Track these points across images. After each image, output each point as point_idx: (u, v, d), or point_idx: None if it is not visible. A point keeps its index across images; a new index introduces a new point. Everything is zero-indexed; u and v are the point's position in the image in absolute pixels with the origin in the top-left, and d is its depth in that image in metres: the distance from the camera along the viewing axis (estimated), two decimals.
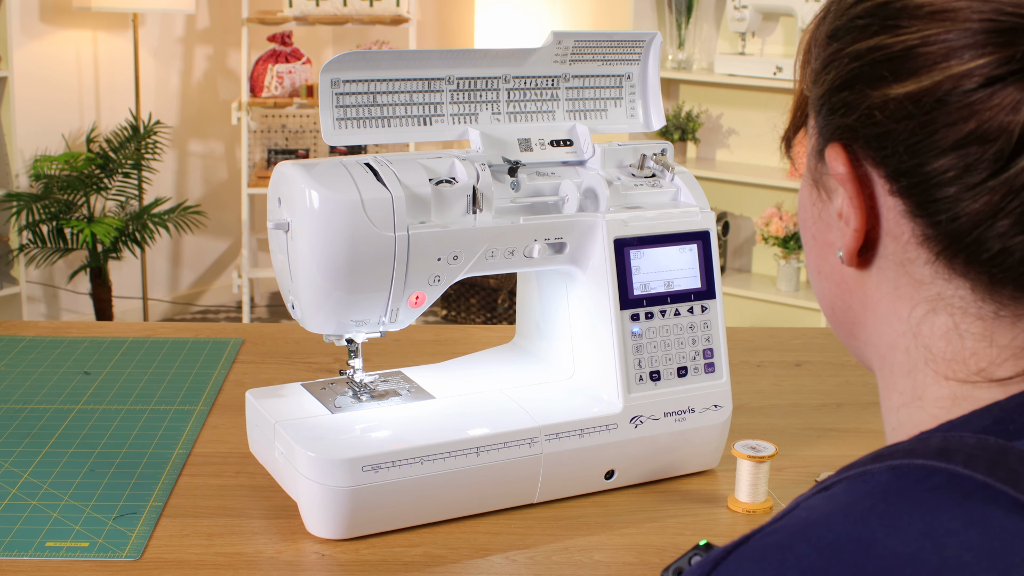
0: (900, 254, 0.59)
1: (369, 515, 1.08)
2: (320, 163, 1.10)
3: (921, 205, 0.56)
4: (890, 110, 0.55)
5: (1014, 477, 0.52)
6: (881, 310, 0.62)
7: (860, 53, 0.57)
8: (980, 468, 0.52)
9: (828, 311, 0.67)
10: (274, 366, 1.54)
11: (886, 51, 0.56)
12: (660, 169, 1.24)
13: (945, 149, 0.54)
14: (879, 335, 0.63)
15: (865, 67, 0.57)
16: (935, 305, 0.58)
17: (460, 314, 4.58)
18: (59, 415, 1.36)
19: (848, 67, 0.58)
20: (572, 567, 1.06)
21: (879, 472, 0.54)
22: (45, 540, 1.07)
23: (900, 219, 0.58)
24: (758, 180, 4.02)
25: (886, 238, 0.59)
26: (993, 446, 0.53)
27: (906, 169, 0.56)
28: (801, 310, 3.95)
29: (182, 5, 4.22)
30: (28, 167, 4.07)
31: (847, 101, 0.58)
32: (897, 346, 0.61)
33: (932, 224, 0.56)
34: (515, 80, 1.21)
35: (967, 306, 0.57)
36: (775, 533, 0.53)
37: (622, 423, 1.18)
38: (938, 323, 0.58)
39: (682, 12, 4.15)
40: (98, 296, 4.20)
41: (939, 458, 0.53)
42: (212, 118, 4.80)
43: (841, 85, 0.58)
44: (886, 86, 0.56)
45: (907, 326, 0.60)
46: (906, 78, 0.55)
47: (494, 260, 1.16)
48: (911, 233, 0.57)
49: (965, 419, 0.57)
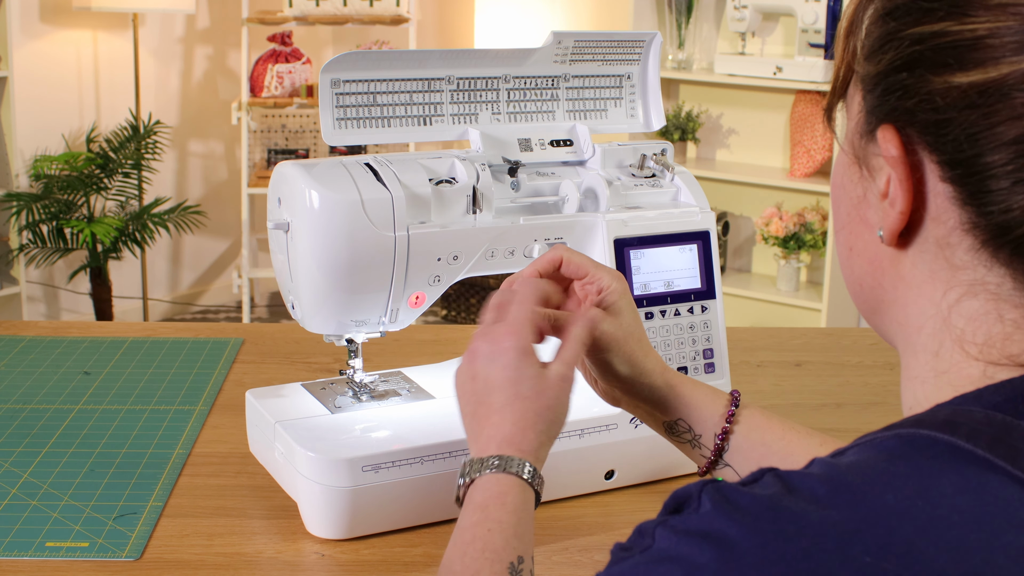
0: (943, 238, 0.59)
1: (369, 515, 1.08)
2: (320, 163, 1.10)
3: (973, 195, 0.56)
4: (952, 98, 0.55)
5: (1014, 454, 0.53)
6: (913, 291, 0.62)
7: (923, 36, 0.57)
8: (982, 443, 0.53)
9: (855, 287, 0.68)
10: (274, 366, 1.54)
11: (952, 38, 0.55)
12: (660, 169, 1.24)
13: (1006, 142, 0.54)
14: (907, 314, 0.63)
15: (928, 51, 0.57)
16: (972, 289, 0.59)
17: (460, 314, 4.58)
18: (59, 415, 1.36)
19: (909, 49, 0.58)
20: (572, 567, 1.06)
21: (887, 439, 0.56)
22: (45, 540, 1.07)
23: (948, 205, 0.58)
24: (758, 180, 4.02)
25: (930, 222, 0.59)
26: (999, 422, 0.54)
27: (963, 158, 0.56)
28: (801, 310, 3.95)
29: (182, 5, 4.22)
30: (28, 167, 4.07)
31: (905, 84, 0.58)
32: (925, 327, 0.62)
33: (982, 214, 0.56)
34: (515, 80, 1.21)
35: (1005, 294, 0.58)
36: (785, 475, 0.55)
37: (622, 423, 1.18)
38: (973, 307, 0.59)
39: (682, 12, 4.15)
40: (98, 296, 4.20)
41: (943, 430, 0.54)
42: (212, 118, 4.80)
43: (900, 67, 0.58)
44: (949, 73, 0.55)
45: (939, 308, 0.61)
46: (972, 67, 0.55)
47: (494, 260, 1.17)
48: (957, 220, 0.58)
49: (978, 393, 0.57)
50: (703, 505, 0.55)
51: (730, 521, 0.53)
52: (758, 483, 0.56)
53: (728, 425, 0.92)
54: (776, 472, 0.55)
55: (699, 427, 0.93)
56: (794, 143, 3.97)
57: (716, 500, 0.54)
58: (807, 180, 3.93)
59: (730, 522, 0.53)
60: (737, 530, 0.52)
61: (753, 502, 0.53)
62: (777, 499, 0.53)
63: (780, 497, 0.53)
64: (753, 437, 0.91)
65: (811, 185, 3.88)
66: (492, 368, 0.84)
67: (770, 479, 0.55)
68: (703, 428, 0.93)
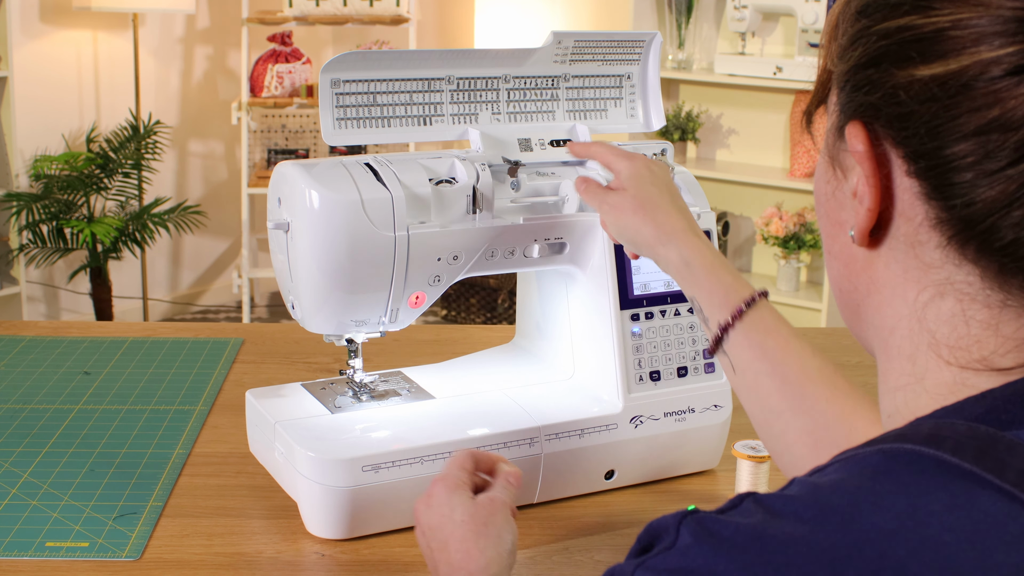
0: (912, 236, 0.59)
1: (369, 515, 1.08)
2: (320, 163, 1.10)
3: (937, 188, 0.56)
4: (915, 91, 0.55)
5: (1000, 466, 0.52)
6: (887, 292, 0.62)
7: (889, 32, 0.57)
8: (967, 456, 0.52)
9: (836, 292, 0.67)
10: (274, 366, 1.54)
11: (916, 31, 0.55)
12: None
13: (966, 134, 0.54)
14: (882, 316, 0.63)
15: (893, 46, 0.56)
16: (943, 289, 0.58)
17: (460, 314, 4.58)
18: (59, 415, 1.36)
19: (876, 45, 0.57)
20: (572, 567, 1.06)
21: (869, 455, 0.55)
22: (45, 540, 1.07)
23: (915, 201, 0.57)
24: (758, 180, 4.02)
25: (899, 219, 0.59)
26: (983, 434, 0.53)
27: (925, 151, 0.55)
28: (801, 310, 3.95)
29: (182, 5, 4.22)
30: (28, 167, 4.07)
31: (872, 79, 0.58)
32: (900, 329, 0.61)
33: (947, 208, 0.56)
34: (515, 80, 1.21)
35: (975, 293, 0.57)
36: (766, 499, 0.54)
37: (622, 423, 1.18)
38: (944, 308, 0.58)
39: (682, 12, 4.15)
40: (98, 296, 4.20)
41: (928, 444, 0.54)
42: (212, 118, 4.80)
43: (867, 62, 0.58)
44: (913, 66, 0.55)
45: (912, 309, 0.60)
46: (933, 60, 0.54)
47: (494, 260, 1.17)
48: (924, 215, 0.57)
49: (959, 405, 0.57)
50: (682, 538, 0.53)
51: (715, 554, 0.51)
52: (738, 510, 0.54)
53: (731, 321, 0.92)
54: (755, 497, 0.54)
55: (708, 311, 0.94)
56: (794, 143, 3.97)
57: (697, 533, 0.53)
58: (807, 180, 3.93)
59: (715, 555, 0.51)
60: (724, 563, 0.51)
61: (737, 532, 0.52)
62: (762, 527, 0.51)
63: (765, 525, 0.51)
64: (753, 337, 0.91)
65: (811, 185, 3.88)
66: (431, 514, 0.91)
67: (750, 505, 0.54)
68: (711, 313, 0.94)
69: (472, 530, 0.88)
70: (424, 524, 0.91)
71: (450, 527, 0.89)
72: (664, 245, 0.98)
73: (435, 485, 0.92)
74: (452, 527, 0.89)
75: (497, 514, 0.90)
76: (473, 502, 0.91)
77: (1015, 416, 0.55)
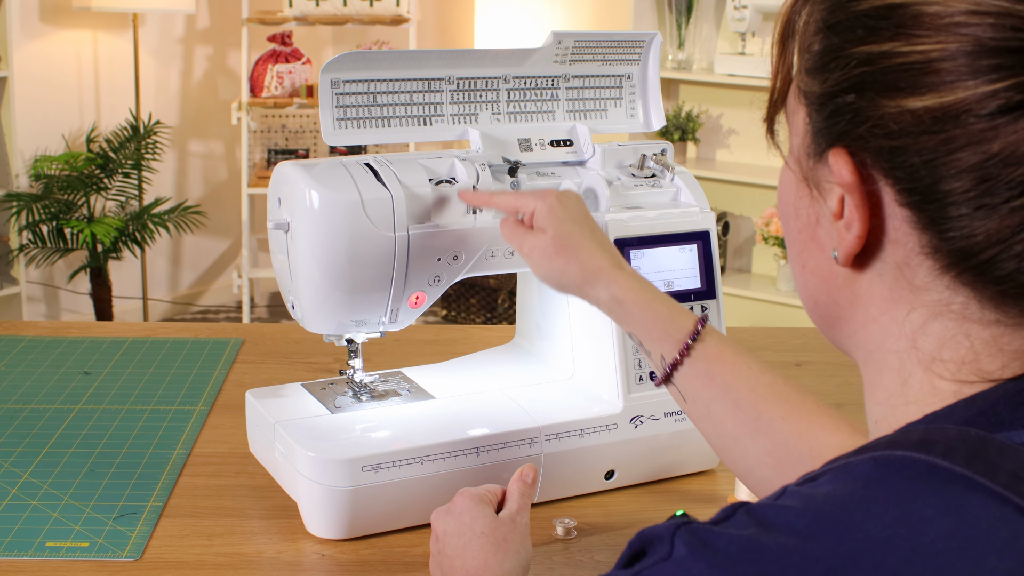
0: (902, 260, 0.57)
1: (369, 515, 1.08)
2: (320, 163, 1.10)
3: (934, 220, 0.54)
4: (906, 123, 0.53)
5: (992, 469, 0.52)
6: (872, 310, 0.61)
7: (871, 57, 0.55)
8: (958, 460, 0.52)
9: (810, 303, 0.66)
10: (274, 366, 1.54)
11: (902, 59, 0.53)
12: (660, 169, 1.24)
13: (964, 169, 0.52)
14: (867, 332, 0.62)
15: (878, 73, 0.54)
16: (935, 310, 0.57)
17: (460, 314, 4.58)
18: (59, 415, 1.36)
19: (857, 70, 0.55)
20: (572, 567, 1.06)
21: (861, 463, 0.54)
22: (45, 540, 1.07)
23: (908, 229, 0.56)
24: (758, 180, 4.02)
25: (889, 245, 0.58)
26: (973, 437, 0.53)
27: (922, 186, 0.54)
28: (801, 310, 3.95)
29: (182, 5, 4.22)
30: (28, 167, 4.07)
31: (856, 108, 0.56)
32: (887, 344, 0.60)
33: (943, 239, 0.55)
34: (515, 80, 1.21)
35: (969, 313, 0.56)
36: (759, 510, 0.54)
37: (622, 423, 1.18)
38: (937, 328, 0.58)
39: (682, 12, 4.15)
40: (98, 296, 4.20)
41: (919, 449, 0.53)
42: (212, 118, 4.80)
43: (848, 88, 0.56)
44: (902, 97, 0.53)
45: (901, 328, 0.59)
46: (925, 92, 0.53)
47: (494, 260, 1.16)
48: (917, 243, 0.56)
49: (949, 410, 0.56)
50: (677, 550, 0.53)
51: (710, 566, 0.51)
52: (730, 521, 0.54)
53: (679, 358, 0.89)
54: (748, 508, 0.54)
55: (649, 345, 0.91)
56: None
57: (692, 545, 0.52)
58: None
59: (710, 567, 0.51)
60: (718, 575, 0.51)
61: (731, 544, 0.52)
62: (756, 539, 0.51)
63: (759, 536, 0.51)
64: (699, 367, 0.88)
65: None
66: (450, 521, 0.92)
67: (742, 517, 0.53)
68: (652, 348, 0.91)
69: (492, 542, 0.90)
70: (440, 530, 0.93)
71: (469, 535, 0.90)
72: (592, 285, 0.94)
73: (459, 496, 0.94)
74: (471, 536, 0.90)
75: (516, 533, 0.92)
76: (495, 518, 0.93)
77: (1005, 418, 0.55)
